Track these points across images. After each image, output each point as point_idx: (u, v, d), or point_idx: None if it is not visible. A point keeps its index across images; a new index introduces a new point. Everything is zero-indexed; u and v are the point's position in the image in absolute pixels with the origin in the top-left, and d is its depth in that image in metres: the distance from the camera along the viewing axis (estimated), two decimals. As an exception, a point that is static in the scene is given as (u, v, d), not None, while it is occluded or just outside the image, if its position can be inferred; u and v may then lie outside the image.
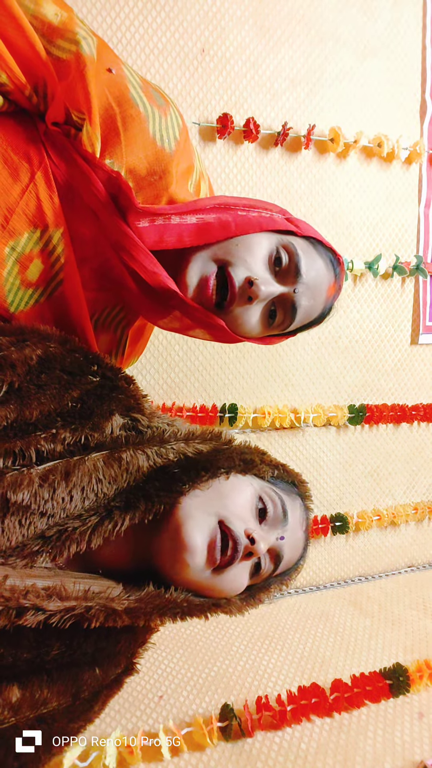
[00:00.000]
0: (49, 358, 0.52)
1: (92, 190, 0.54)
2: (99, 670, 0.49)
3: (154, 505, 0.49)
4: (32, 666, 0.44)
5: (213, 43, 1.08)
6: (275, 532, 0.54)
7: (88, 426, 0.52)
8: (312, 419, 1.30)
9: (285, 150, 1.19)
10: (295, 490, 0.61)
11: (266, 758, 0.81)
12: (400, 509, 1.44)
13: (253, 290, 0.58)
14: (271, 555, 0.55)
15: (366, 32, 1.22)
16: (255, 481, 0.56)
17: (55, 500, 0.47)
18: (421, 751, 0.85)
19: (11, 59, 0.49)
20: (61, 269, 0.58)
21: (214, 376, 1.23)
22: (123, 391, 0.57)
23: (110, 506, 0.49)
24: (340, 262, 0.68)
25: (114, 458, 0.50)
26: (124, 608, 0.45)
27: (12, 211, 0.53)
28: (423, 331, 1.41)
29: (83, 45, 0.50)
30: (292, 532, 0.56)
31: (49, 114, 0.53)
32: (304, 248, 0.63)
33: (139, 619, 0.46)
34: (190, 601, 0.50)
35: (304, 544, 0.60)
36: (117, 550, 0.52)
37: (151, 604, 0.47)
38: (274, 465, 0.61)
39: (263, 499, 0.55)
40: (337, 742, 0.85)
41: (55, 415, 0.50)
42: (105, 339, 0.68)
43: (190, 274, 0.59)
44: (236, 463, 0.56)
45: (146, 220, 0.56)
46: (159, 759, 0.78)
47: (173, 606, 0.48)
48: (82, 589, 0.45)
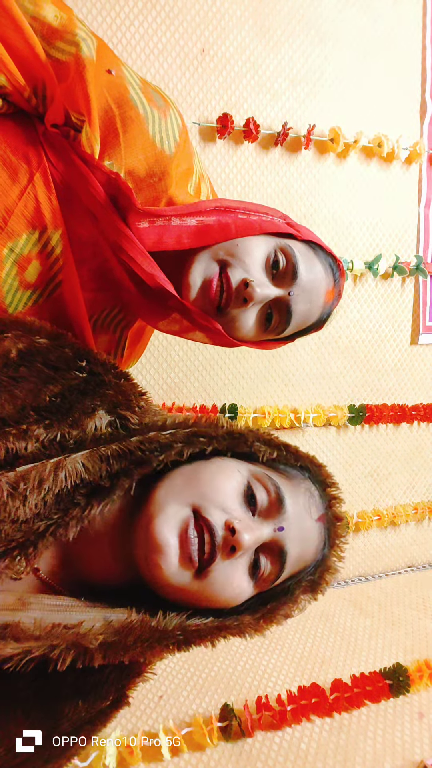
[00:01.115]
0: (31, 352, 0.49)
1: (91, 191, 0.53)
2: (82, 703, 0.42)
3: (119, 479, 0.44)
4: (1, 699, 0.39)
5: (213, 43, 1.08)
6: (270, 524, 0.46)
7: (66, 423, 0.47)
8: (312, 419, 1.30)
9: (285, 150, 1.19)
10: (303, 474, 0.52)
11: (266, 758, 0.81)
12: (400, 509, 1.44)
13: (248, 292, 0.57)
14: (271, 551, 0.46)
15: (366, 32, 1.22)
16: (244, 464, 0.49)
17: (28, 507, 0.42)
18: (421, 751, 0.85)
19: (10, 61, 0.49)
20: (60, 270, 0.58)
21: (214, 376, 1.23)
22: (112, 386, 0.52)
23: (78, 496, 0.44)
24: (341, 268, 0.68)
25: (94, 458, 0.45)
26: (99, 644, 0.38)
27: (10, 212, 0.53)
28: (423, 331, 1.41)
29: (83, 47, 0.50)
30: (296, 522, 0.47)
31: (49, 116, 0.53)
32: (302, 252, 0.62)
33: (118, 656, 0.39)
34: (186, 627, 0.42)
35: (321, 535, 0.49)
36: (101, 556, 0.47)
37: (133, 636, 0.40)
38: (275, 445, 0.52)
39: (252, 485, 0.47)
40: (337, 742, 0.85)
41: (29, 410, 0.46)
42: (104, 340, 0.68)
43: (194, 275, 0.59)
44: (222, 443, 0.49)
45: (146, 221, 0.56)
46: (159, 759, 0.78)
47: (163, 636, 0.41)
48: (46, 625, 0.39)
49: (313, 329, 0.69)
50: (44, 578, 0.47)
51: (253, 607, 0.47)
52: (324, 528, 0.50)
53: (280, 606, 0.47)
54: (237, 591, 0.44)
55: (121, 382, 0.54)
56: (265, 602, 0.47)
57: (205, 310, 0.60)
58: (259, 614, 0.46)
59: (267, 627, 0.45)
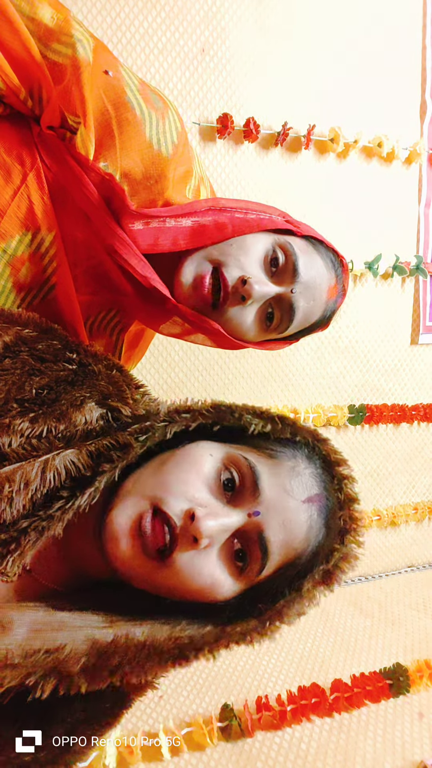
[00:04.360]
0: (17, 344, 0.47)
1: (84, 192, 0.53)
2: (78, 704, 0.39)
3: (101, 466, 0.42)
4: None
5: (213, 43, 1.08)
6: (243, 509, 0.42)
7: (52, 415, 0.45)
8: (312, 419, 1.30)
9: (285, 150, 1.19)
10: (298, 451, 0.46)
11: (266, 758, 0.81)
12: (400, 509, 1.44)
13: (246, 289, 0.56)
14: (250, 539, 0.42)
15: (366, 32, 1.22)
16: (220, 447, 0.45)
17: (15, 509, 0.40)
18: (421, 751, 0.85)
19: (6, 63, 0.49)
20: (54, 272, 0.57)
21: (214, 376, 1.23)
22: (102, 377, 0.50)
23: (62, 490, 0.42)
24: (343, 264, 0.66)
25: (83, 457, 0.43)
26: (80, 668, 0.35)
27: (3, 213, 0.53)
28: (423, 331, 1.41)
29: (79, 48, 0.49)
30: (275, 505, 0.42)
31: (45, 117, 0.53)
32: (302, 248, 0.61)
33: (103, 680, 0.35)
34: (179, 639, 0.38)
35: (312, 517, 0.43)
36: (88, 546, 0.45)
37: (118, 656, 0.36)
38: (268, 417, 0.47)
39: (227, 468, 0.43)
40: (337, 742, 0.85)
41: (13, 402, 0.44)
42: (100, 344, 0.67)
43: (185, 274, 0.58)
44: (207, 418, 0.46)
45: (140, 222, 0.55)
46: (159, 759, 0.78)
47: (153, 653, 0.37)
48: (27, 651, 0.36)
49: (317, 328, 0.67)
50: (36, 577, 0.45)
51: (249, 604, 0.43)
52: (318, 509, 0.44)
53: (289, 603, 0.41)
54: (209, 581, 0.41)
55: (112, 373, 0.51)
56: (273, 601, 0.42)
57: (198, 309, 0.59)
58: (266, 616, 0.41)
59: (277, 628, 0.40)
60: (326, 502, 0.44)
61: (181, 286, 0.58)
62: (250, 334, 0.62)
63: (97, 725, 0.41)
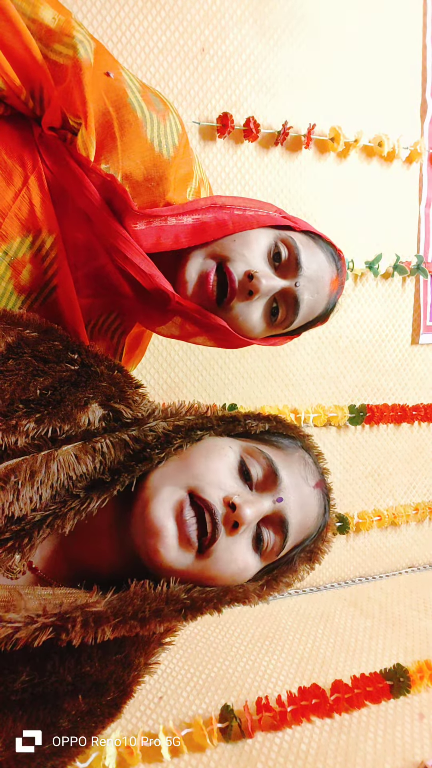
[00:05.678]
0: (20, 345, 0.48)
1: (85, 193, 0.53)
2: (82, 698, 0.41)
3: (120, 476, 0.44)
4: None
5: (213, 43, 1.08)
6: (269, 496, 0.46)
7: (57, 416, 0.46)
8: (312, 419, 1.30)
9: (285, 149, 1.19)
10: (296, 444, 0.53)
11: (266, 759, 0.81)
12: (400, 509, 1.44)
13: (254, 284, 0.56)
14: (273, 523, 0.46)
15: (366, 32, 1.21)
16: (235, 441, 0.49)
17: (22, 501, 0.41)
18: (422, 752, 0.85)
19: (7, 64, 0.49)
20: (55, 275, 0.57)
21: (214, 376, 1.23)
22: (105, 378, 0.51)
23: (77, 489, 0.43)
24: (341, 257, 0.67)
25: (87, 450, 0.44)
26: (105, 604, 0.38)
27: (4, 215, 0.53)
28: (423, 331, 1.41)
29: (80, 49, 0.49)
30: (295, 490, 0.47)
31: (46, 118, 0.53)
32: (303, 242, 0.61)
33: (127, 622, 0.38)
34: (192, 592, 0.42)
35: (320, 501, 0.50)
36: (100, 550, 0.47)
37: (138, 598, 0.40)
38: (264, 418, 0.53)
39: (245, 461, 0.47)
40: (338, 743, 0.85)
41: (18, 403, 0.45)
42: (101, 347, 0.67)
43: (189, 271, 0.58)
44: (213, 424, 0.49)
45: (143, 222, 0.55)
46: (159, 760, 0.78)
47: (170, 599, 0.40)
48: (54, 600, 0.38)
49: (319, 321, 0.68)
50: (41, 575, 0.46)
51: (258, 575, 0.47)
52: (323, 494, 0.51)
53: (281, 574, 0.47)
54: (242, 566, 0.44)
55: (114, 374, 0.53)
56: (269, 570, 0.48)
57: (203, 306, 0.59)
58: (263, 581, 0.46)
59: (270, 594, 0.46)
60: (326, 487, 0.52)
61: (185, 285, 0.58)
62: (256, 330, 0.62)
63: (101, 717, 0.43)
